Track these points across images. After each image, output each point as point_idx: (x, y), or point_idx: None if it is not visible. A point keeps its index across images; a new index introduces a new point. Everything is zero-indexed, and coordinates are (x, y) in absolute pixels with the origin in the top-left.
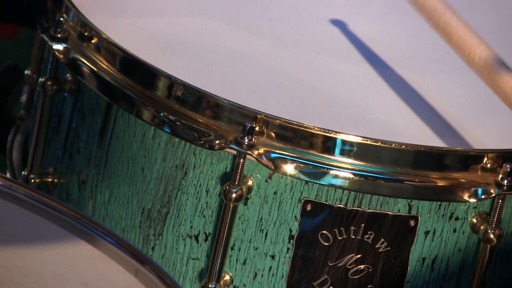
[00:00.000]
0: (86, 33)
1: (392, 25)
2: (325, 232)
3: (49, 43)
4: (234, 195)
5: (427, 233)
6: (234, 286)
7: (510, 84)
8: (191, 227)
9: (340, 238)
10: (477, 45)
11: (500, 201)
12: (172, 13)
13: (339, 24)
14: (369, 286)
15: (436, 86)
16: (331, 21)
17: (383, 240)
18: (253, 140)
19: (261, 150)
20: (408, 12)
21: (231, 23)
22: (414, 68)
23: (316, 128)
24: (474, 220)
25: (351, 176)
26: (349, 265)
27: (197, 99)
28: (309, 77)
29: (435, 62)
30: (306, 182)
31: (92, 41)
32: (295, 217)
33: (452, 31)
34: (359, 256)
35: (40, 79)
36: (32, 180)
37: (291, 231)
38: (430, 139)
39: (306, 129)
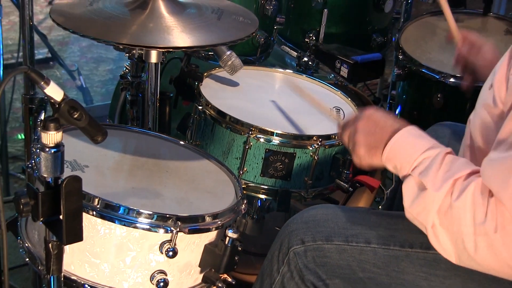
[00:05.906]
0: (205, 102)
1: (298, 100)
2: (273, 156)
3: (197, 106)
4: (247, 147)
5: (299, 157)
6: (246, 172)
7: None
8: (236, 155)
9: (277, 158)
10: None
11: (320, 148)
12: (228, 98)
13: (275, 101)
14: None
15: (304, 119)
16: (271, 101)
17: (287, 160)
18: (252, 133)
19: (254, 135)
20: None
21: (249, 101)
22: (298, 113)
23: (269, 129)
24: (311, 154)
25: (280, 139)
26: (276, 164)
27: (237, 121)
28: (268, 114)
29: (306, 111)
30: (267, 142)
31: (208, 106)
32: (264, 152)
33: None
34: (285, 157)
35: (194, 116)
36: (192, 143)
37: (263, 156)
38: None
39: (266, 129)
